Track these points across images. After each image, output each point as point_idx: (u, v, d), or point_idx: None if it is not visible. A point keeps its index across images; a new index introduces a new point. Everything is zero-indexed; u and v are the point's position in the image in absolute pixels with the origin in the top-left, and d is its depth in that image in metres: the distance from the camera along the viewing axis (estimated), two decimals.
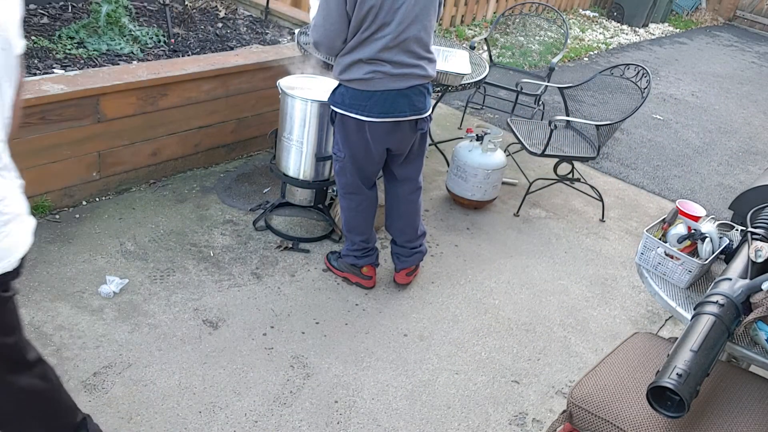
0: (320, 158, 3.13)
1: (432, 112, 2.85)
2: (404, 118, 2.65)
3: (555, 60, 4.74)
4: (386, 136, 2.68)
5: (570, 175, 4.10)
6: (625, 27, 9.69)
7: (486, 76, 3.92)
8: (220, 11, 4.57)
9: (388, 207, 3.02)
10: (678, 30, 10.59)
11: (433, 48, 2.69)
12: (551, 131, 3.72)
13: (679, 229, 2.22)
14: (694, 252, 2.19)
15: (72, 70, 3.19)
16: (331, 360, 2.61)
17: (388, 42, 2.50)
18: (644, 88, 3.80)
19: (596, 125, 3.77)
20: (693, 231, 2.21)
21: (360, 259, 2.98)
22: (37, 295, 2.63)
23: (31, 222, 1.55)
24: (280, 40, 4.36)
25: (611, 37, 8.95)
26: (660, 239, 2.23)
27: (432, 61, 2.68)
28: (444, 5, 2.88)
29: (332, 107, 2.70)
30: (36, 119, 2.84)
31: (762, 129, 6.50)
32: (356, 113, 2.61)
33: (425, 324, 2.90)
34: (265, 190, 3.66)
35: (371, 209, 2.94)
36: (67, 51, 3.47)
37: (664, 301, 2.10)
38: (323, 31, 2.52)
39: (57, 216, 3.10)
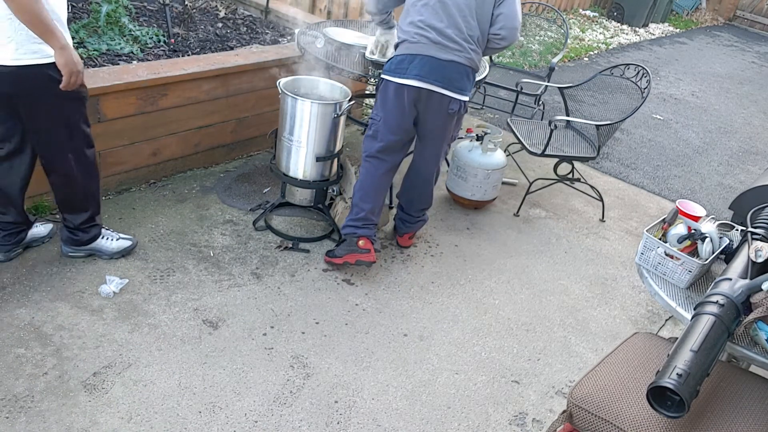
0: (320, 158, 3.13)
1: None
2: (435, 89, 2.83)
3: (555, 60, 4.74)
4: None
5: (570, 175, 4.10)
6: (625, 27, 9.69)
7: (486, 76, 3.92)
8: (220, 11, 4.57)
9: (404, 178, 3.30)
10: (678, 30, 10.60)
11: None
12: (551, 131, 3.72)
13: (679, 229, 2.22)
14: (694, 252, 2.19)
15: None
16: (331, 360, 2.61)
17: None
18: (644, 88, 3.80)
19: (596, 125, 3.76)
20: (693, 231, 2.21)
21: (359, 229, 3.04)
22: (37, 295, 2.62)
23: None
24: (280, 40, 4.36)
25: (611, 37, 8.95)
26: (660, 239, 2.23)
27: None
28: None
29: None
30: None
31: (762, 129, 6.50)
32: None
33: (425, 324, 2.90)
34: (265, 190, 3.66)
35: (387, 177, 3.10)
36: None
37: (664, 301, 2.10)
38: None
39: (57, 216, 3.10)
